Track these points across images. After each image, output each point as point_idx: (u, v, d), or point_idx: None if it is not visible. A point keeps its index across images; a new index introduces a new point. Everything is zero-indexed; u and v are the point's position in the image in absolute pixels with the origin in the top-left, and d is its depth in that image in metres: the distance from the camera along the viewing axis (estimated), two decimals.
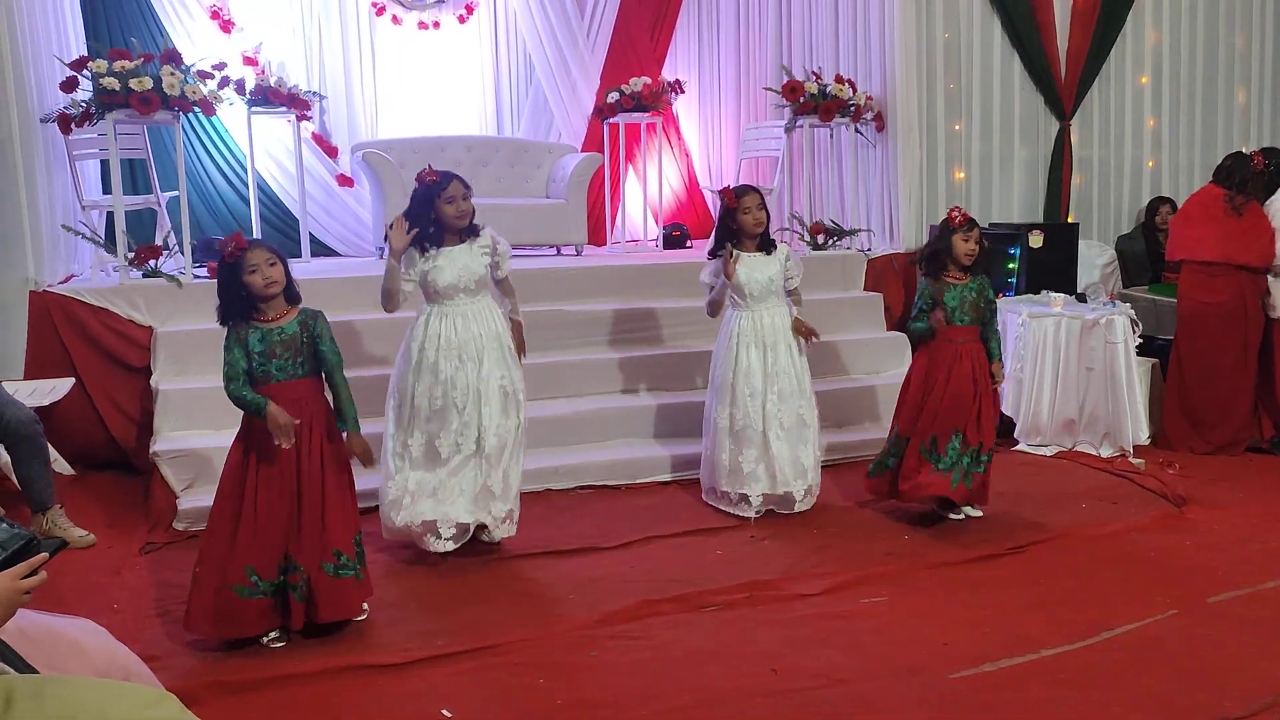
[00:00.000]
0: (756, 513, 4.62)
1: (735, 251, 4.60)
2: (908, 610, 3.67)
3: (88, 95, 5.30)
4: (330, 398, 3.54)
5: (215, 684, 3.10)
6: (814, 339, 4.72)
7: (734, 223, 4.62)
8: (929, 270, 4.53)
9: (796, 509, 4.65)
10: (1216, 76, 7.77)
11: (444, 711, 2.99)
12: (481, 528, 4.19)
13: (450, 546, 4.10)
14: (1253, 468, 5.49)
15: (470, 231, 4.12)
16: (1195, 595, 3.75)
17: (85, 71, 5.30)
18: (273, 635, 3.43)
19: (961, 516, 4.57)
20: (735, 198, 4.61)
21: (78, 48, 6.31)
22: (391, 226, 4.03)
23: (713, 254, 4.71)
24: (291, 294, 3.47)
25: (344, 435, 3.52)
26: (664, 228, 7.94)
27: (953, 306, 4.46)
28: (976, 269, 4.51)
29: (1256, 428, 5.78)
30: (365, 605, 3.61)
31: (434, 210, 4.04)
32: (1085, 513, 4.72)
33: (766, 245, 4.66)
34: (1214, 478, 5.24)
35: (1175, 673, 3.16)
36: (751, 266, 4.62)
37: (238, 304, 3.41)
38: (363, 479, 4.31)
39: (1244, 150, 6.04)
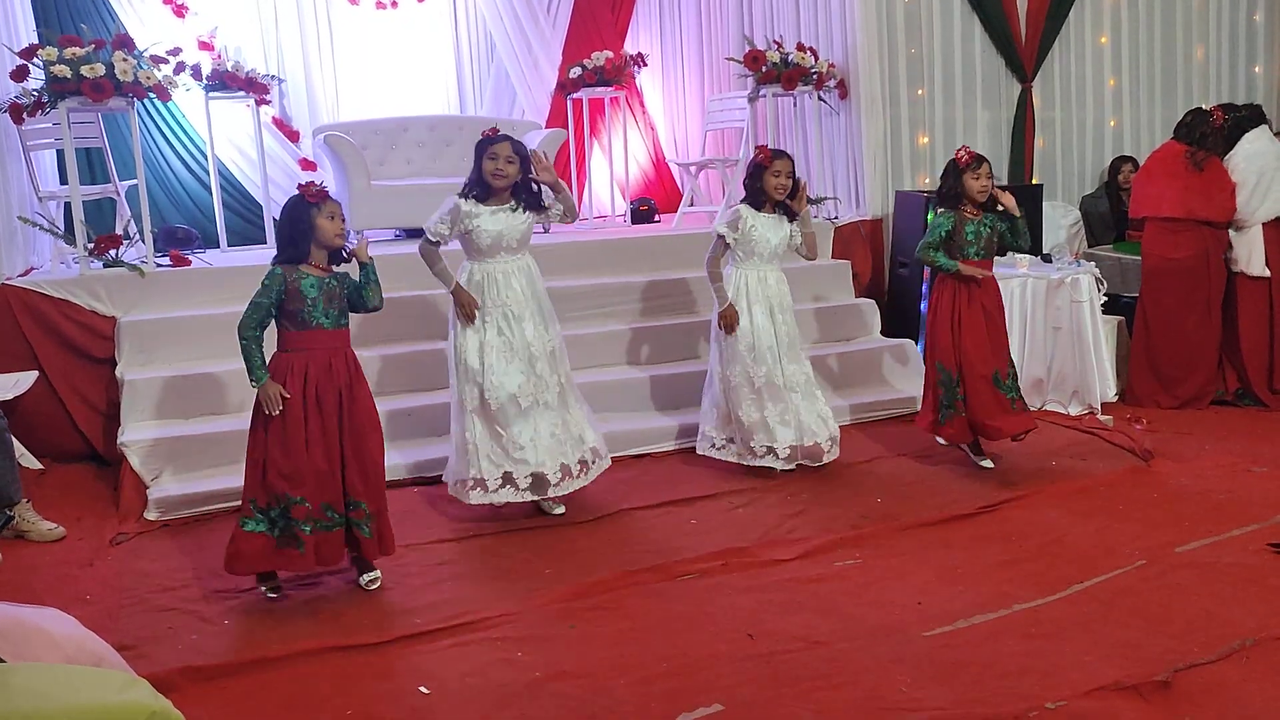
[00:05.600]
0: (786, 465, 4.71)
1: (747, 215, 4.67)
2: (882, 571, 3.71)
3: (39, 84, 5.20)
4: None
5: (190, 670, 3.08)
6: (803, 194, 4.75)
7: (760, 182, 4.67)
8: (948, 203, 4.66)
9: (825, 460, 4.77)
10: (1175, 34, 7.81)
11: (421, 689, 2.99)
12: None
13: (527, 497, 4.26)
14: (1218, 420, 5.56)
15: (522, 199, 4.22)
16: (1163, 546, 3.81)
17: (36, 60, 5.20)
18: (268, 585, 3.59)
19: (990, 465, 4.81)
20: (770, 158, 4.66)
21: (27, 36, 6.19)
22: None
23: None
24: (338, 256, 3.62)
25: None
26: (631, 203, 7.91)
27: (970, 239, 4.64)
28: (993, 204, 4.64)
29: (1221, 381, 5.85)
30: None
31: (479, 164, 4.17)
32: (1055, 470, 4.77)
33: (786, 211, 4.72)
34: (1180, 431, 5.32)
35: (1144, 621, 3.22)
36: (766, 227, 4.70)
37: (299, 245, 3.51)
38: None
39: (1203, 106, 6.08)
